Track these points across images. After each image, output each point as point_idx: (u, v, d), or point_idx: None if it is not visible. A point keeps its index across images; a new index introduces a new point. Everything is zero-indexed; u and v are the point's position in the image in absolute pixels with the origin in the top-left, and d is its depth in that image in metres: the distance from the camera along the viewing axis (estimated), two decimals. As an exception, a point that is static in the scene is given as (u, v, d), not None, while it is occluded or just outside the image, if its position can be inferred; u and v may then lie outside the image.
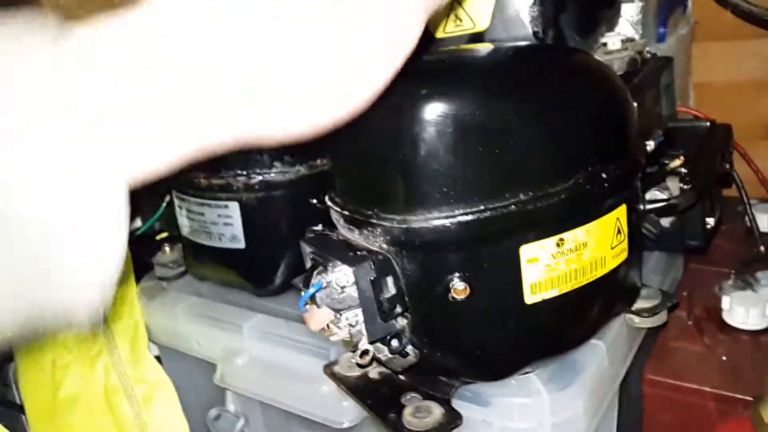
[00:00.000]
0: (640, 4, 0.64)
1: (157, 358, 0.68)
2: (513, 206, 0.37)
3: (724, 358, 0.58)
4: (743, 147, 0.80)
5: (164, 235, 0.70)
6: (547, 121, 0.37)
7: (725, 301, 0.61)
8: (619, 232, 0.41)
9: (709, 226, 0.55)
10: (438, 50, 0.43)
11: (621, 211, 0.41)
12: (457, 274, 0.38)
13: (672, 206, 0.46)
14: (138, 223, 0.67)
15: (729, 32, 0.82)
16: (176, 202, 0.60)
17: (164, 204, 0.63)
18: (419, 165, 0.36)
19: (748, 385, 0.53)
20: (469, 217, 0.36)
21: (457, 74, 0.37)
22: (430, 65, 0.39)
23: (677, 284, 0.67)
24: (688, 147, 0.58)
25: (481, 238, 0.37)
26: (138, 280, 0.68)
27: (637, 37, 0.64)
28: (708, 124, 0.62)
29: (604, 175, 0.39)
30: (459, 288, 0.38)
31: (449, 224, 0.37)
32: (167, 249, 0.68)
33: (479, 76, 0.38)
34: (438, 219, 0.37)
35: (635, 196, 0.43)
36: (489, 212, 0.36)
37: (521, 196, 0.37)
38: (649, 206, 0.45)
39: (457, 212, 0.37)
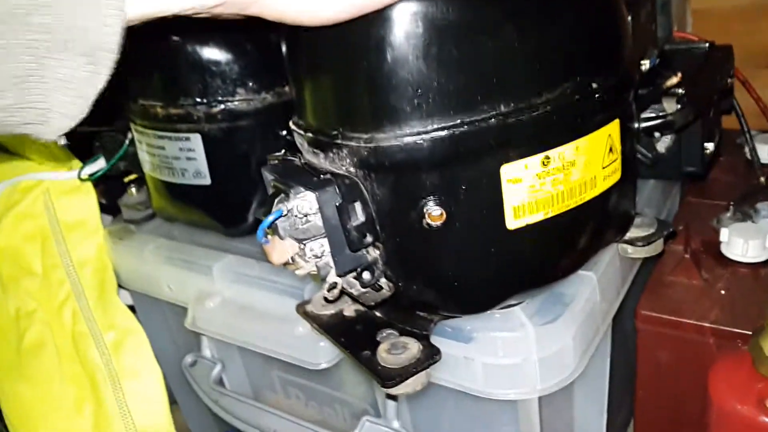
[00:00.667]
0: None
1: (132, 307, 0.65)
2: (492, 119, 0.33)
3: (722, 292, 0.55)
4: (744, 75, 0.76)
5: (132, 176, 0.66)
6: (531, 21, 0.32)
7: (724, 234, 0.58)
8: (611, 150, 0.37)
9: (707, 152, 0.51)
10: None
11: (613, 127, 0.37)
12: (431, 198, 0.34)
13: (668, 123, 0.42)
14: (102, 163, 0.63)
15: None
16: (136, 136, 0.56)
17: (127, 142, 0.59)
18: (386, 74, 0.32)
19: (747, 319, 0.51)
20: (444, 133, 0.33)
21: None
22: None
23: (673, 217, 0.64)
24: (686, 69, 0.53)
25: (458, 157, 0.33)
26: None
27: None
28: (707, 45, 0.57)
29: (594, 86, 0.35)
30: (434, 213, 0.34)
31: (422, 141, 0.33)
32: (133, 190, 0.64)
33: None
34: (409, 136, 0.33)
35: (629, 113, 0.40)
36: (466, 127, 0.33)
37: (502, 108, 0.33)
38: (643, 124, 0.41)
39: (430, 127, 0.33)
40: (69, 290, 0.61)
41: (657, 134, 0.44)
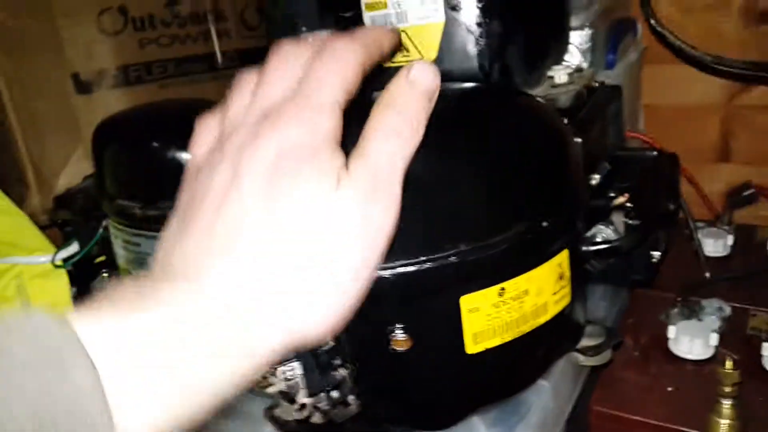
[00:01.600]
0: (589, 31, 0.64)
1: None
2: (453, 257, 0.36)
3: (669, 389, 0.58)
4: (690, 170, 0.82)
5: (102, 258, 0.67)
6: (486, 173, 0.36)
7: (671, 331, 0.61)
8: (561, 277, 0.40)
9: (654, 260, 0.55)
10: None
11: (563, 257, 0.40)
12: (398, 326, 0.37)
13: (615, 249, 0.45)
14: (75, 247, 0.64)
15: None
16: (112, 231, 0.58)
17: (101, 229, 0.61)
18: (358, 215, 0.35)
19: (691, 417, 0.54)
20: (409, 269, 0.35)
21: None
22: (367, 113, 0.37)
23: (622, 313, 0.67)
24: (635, 177, 0.58)
25: (422, 290, 0.36)
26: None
27: (585, 64, 0.64)
28: (654, 153, 0.62)
29: (545, 224, 0.38)
30: (400, 339, 0.37)
31: (388, 275, 0.36)
32: (106, 275, 0.65)
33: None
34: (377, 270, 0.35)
35: (577, 239, 0.43)
36: (429, 263, 0.36)
37: (462, 247, 0.36)
38: (592, 248, 0.45)
39: (396, 263, 0.35)
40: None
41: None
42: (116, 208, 0.55)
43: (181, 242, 0.30)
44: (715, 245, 0.76)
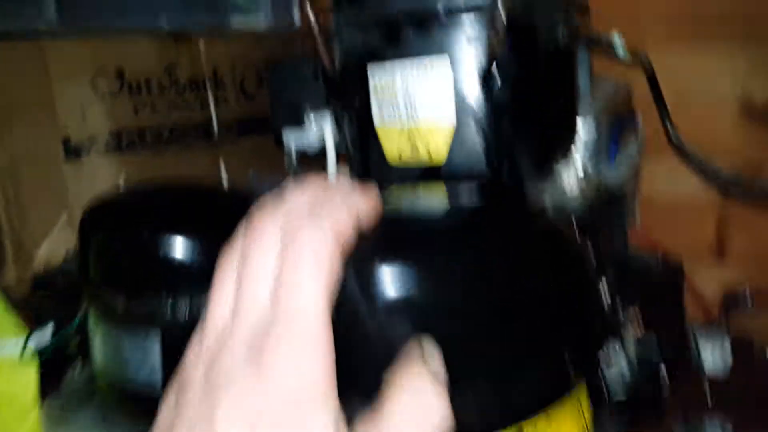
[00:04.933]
0: (593, 124, 0.64)
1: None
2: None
3: None
4: (686, 269, 0.80)
5: (76, 343, 0.63)
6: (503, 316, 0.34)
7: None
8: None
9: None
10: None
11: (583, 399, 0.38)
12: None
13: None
14: (48, 332, 0.60)
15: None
16: (90, 325, 0.54)
17: (77, 319, 0.57)
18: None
19: None
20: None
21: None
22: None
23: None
24: (641, 289, 0.56)
25: None
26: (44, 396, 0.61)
27: (588, 162, 0.64)
28: (659, 263, 0.61)
29: (565, 361, 0.36)
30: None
31: None
32: (77, 368, 0.61)
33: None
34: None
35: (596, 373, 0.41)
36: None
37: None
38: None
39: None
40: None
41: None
42: (98, 299, 0.51)
43: None
44: (714, 360, 0.73)
